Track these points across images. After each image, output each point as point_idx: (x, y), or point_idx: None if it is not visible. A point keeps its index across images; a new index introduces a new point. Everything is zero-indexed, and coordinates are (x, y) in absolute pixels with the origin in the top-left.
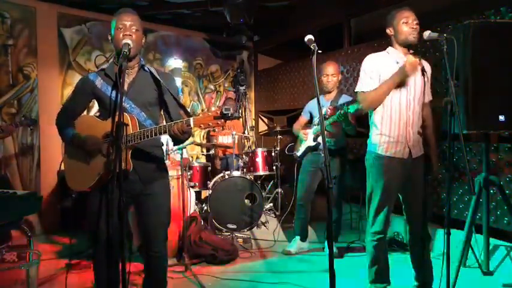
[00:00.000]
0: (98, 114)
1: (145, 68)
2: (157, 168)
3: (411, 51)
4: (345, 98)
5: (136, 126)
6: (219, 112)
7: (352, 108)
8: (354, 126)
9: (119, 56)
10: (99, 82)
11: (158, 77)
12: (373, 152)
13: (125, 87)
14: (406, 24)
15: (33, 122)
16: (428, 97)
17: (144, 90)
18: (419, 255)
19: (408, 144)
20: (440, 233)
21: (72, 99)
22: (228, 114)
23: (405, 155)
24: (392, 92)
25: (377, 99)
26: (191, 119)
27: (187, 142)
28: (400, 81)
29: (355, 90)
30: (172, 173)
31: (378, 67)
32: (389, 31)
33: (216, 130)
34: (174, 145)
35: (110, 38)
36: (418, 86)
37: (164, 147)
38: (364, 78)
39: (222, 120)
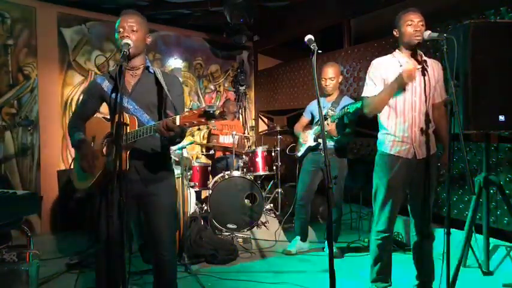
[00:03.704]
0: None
1: (151, 70)
2: (160, 168)
3: (419, 52)
4: (346, 100)
5: (135, 127)
6: (202, 110)
7: (351, 108)
8: (339, 138)
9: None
10: (105, 85)
11: (162, 80)
12: (379, 150)
13: (129, 89)
14: (410, 26)
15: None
16: (440, 97)
17: (147, 91)
18: (422, 254)
19: (413, 145)
20: (440, 233)
21: (82, 103)
22: (210, 112)
23: (410, 155)
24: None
25: (379, 104)
26: (177, 116)
27: (186, 142)
28: (399, 87)
29: (361, 96)
30: None
31: (381, 72)
32: (395, 33)
33: (215, 128)
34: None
35: (114, 40)
36: (421, 87)
37: None
38: (369, 83)
39: (205, 118)
